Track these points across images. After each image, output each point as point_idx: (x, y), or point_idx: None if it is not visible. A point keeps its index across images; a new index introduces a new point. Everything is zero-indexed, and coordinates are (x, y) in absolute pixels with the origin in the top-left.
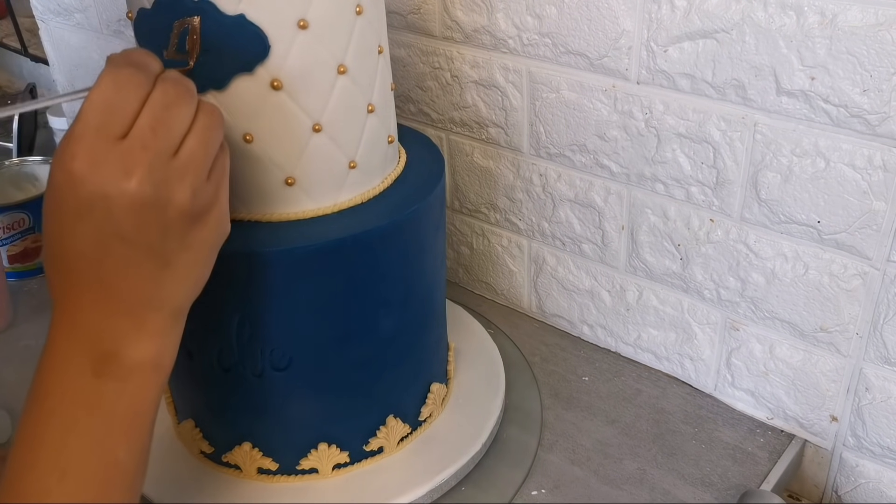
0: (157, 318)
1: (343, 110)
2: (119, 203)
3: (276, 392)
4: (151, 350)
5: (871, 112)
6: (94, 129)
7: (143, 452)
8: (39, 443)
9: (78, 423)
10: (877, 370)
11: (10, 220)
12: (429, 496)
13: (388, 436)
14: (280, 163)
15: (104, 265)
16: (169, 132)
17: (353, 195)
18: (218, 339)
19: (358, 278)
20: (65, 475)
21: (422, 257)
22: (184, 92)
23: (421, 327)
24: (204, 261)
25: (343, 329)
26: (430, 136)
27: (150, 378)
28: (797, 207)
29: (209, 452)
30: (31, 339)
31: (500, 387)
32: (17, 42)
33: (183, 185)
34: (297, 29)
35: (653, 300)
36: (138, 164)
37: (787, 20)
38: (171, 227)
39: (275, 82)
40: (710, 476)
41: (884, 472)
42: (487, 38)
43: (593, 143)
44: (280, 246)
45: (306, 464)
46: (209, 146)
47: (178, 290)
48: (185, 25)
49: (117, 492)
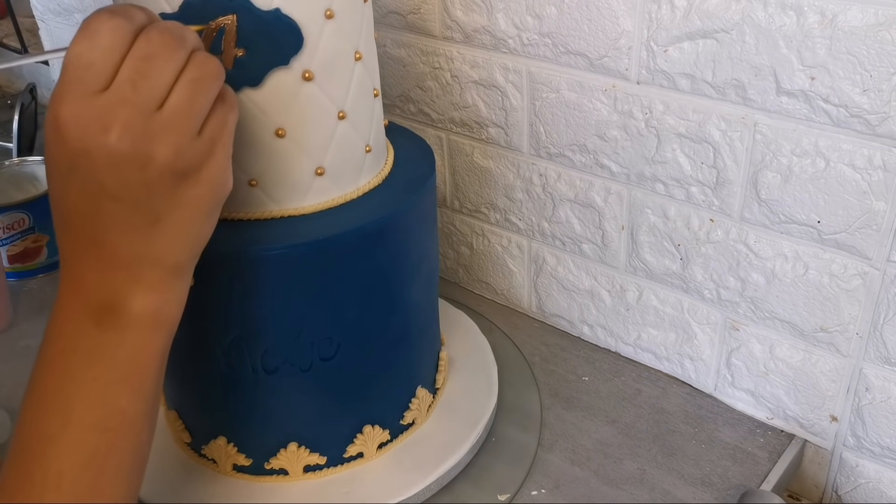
0: (154, 272)
1: (360, 96)
2: (99, 159)
3: (323, 384)
4: (150, 303)
5: (871, 112)
6: (73, 84)
7: (148, 403)
8: (44, 391)
9: (80, 372)
10: (877, 370)
11: (10, 220)
12: (470, 453)
13: (420, 406)
14: (312, 153)
15: (96, 220)
16: (150, 85)
17: (370, 178)
18: (264, 341)
19: (393, 254)
20: (68, 422)
21: (434, 226)
22: (170, 41)
23: (435, 293)
24: (200, 218)
25: (381, 308)
26: (430, 136)
27: (151, 330)
28: (797, 207)
29: (247, 465)
30: (31, 339)
31: (489, 352)
32: (17, 42)
33: (165, 140)
34: (325, 19)
35: (653, 300)
36: (116, 118)
37: (787, 20)
38: (155, 183)
39: (307, 74)
40: (710, 476)
41: (884, 472)
42: (487, 38)
43: (593, 143)
44: (322, 235)
45: (353, 450)
46: (197, 100)
47: (173, 246)
48: (221, 26)
49: (123, 440)
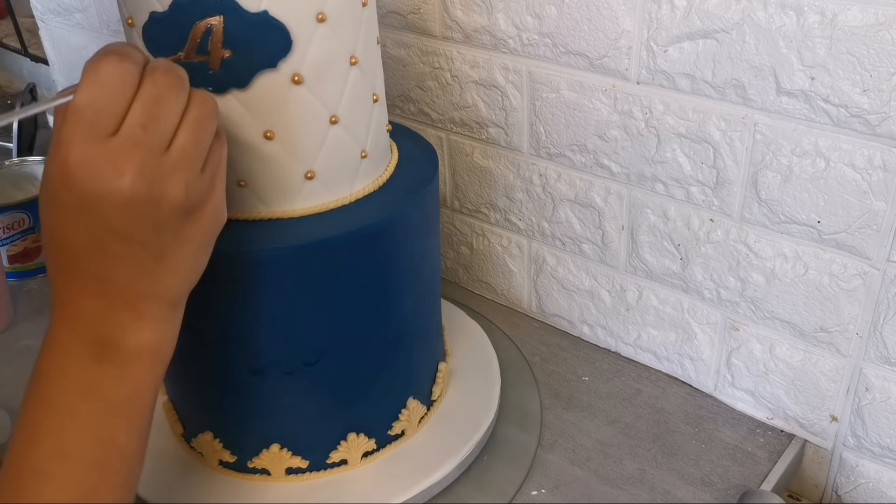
0: (155, 307)
1: (355, 101)
2: (112, 202)
3: (307, 388)
4: (150, 338)
5: (871, 112)
6: (83, 129)
7: (142, 436)
8: (40, 427)
9: (78, 408)
10: (877, 370)
11: (10, 220)
12: (459, 468)
13: (410, 417)
14: (301, 157)
15: (101, 260)
16: (160, 127)
17: (366, 184)
18: (248, 341)
19: (383, 263)
20: (66, 458)
21: (431, 237)
22: (175, 81)
23: (432, 304)
24: (200, 251)
25: (369, 315)
26: (430, 136)
27: (149, 364)
28: (797, 207)
29: (231, 462)
30: (31, 339)
31: (494, 361)
32: (17, 42)
33: (176, 180)
34: (317, 22)
35: (653, 300)
36: (130, 162)
37: (787, 20)
38: (165, 222)
39: (296, 77)
40: (710, 476)
41: (884, 472)
42: (487, 38)
43: (593, 143)
44: (308, 239)
45: (336, 456)
46: (202, 139)
47: (175, 281)
48: (208, 26)
49: (119, 475)
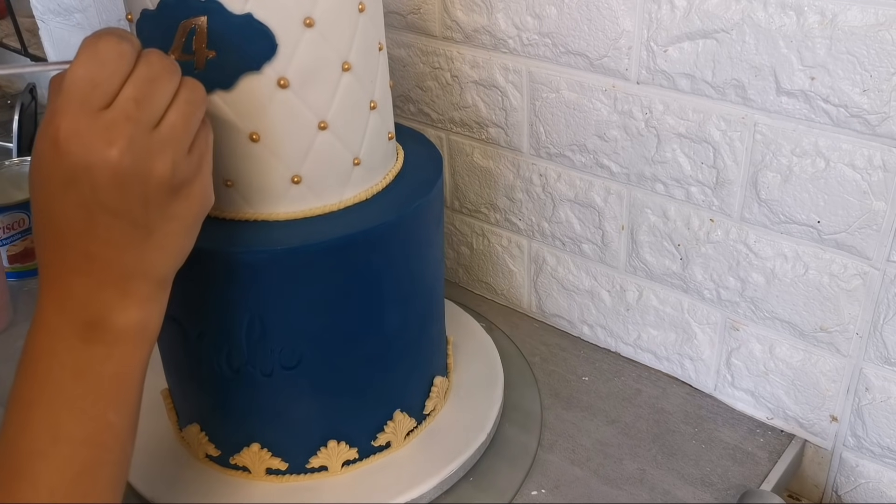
0: (142, 286)
1: (348, 108)
2: (101, 173)
3: (285, 391)
4: (137, 317)
5: (871, 112)
6: (77, 101)
7: (132, 415)
8: (31, 408)
9: (68, 388)
10: (877, 370)
11: (10, 220)
12: (439, 488)
13: (396, 430)
14: (287, 161)
15: (88, 235)
16: (152, 105)
17: (358, 192)
18: (227, 340)
19: (366, 274)
20: (58, 438)
21: (426, 251)
22: (168, 66)
23: (425, 319)
24: (186, 231)
25: (351, 325)
26: (430, 136)
27: (137, 343)
28: (797, 207)
29: (216, 456)
30: None
31: (499, 379)
32: (17, 42)
33: (163, 157)
34: (304, 27)
35: (653, 300)
36: (121, 134)
37: (787, 20)
38: (151, 198)
39: (281, 81)
40: (710, 476)
41: (884, 472)
42: (487, 38)
43: (593, 143)
44: (288, 244)
45: (316, 462)
46: (191, 120)
47: (161, 259)
48: (192, 26)
49: (111, 452)
